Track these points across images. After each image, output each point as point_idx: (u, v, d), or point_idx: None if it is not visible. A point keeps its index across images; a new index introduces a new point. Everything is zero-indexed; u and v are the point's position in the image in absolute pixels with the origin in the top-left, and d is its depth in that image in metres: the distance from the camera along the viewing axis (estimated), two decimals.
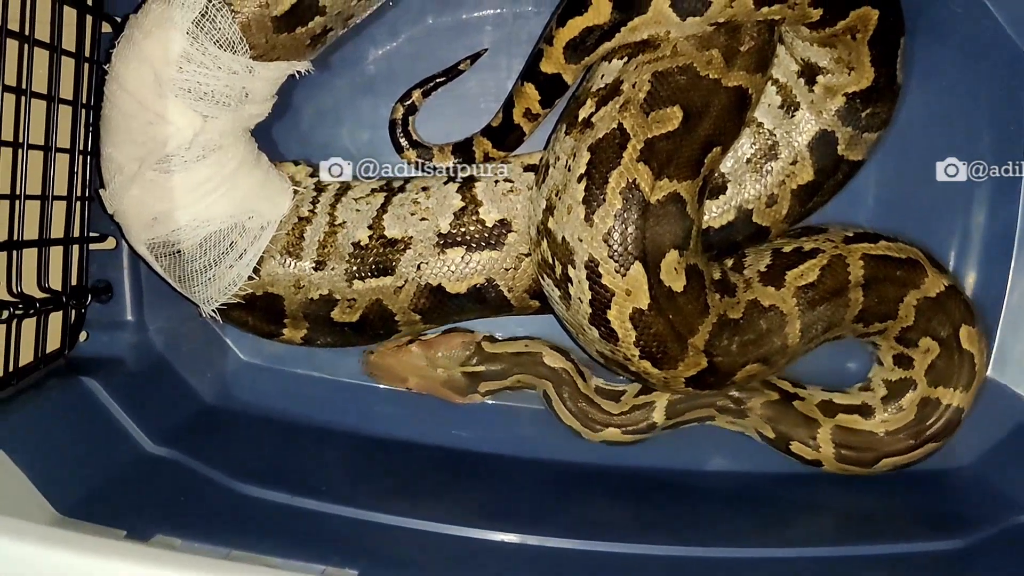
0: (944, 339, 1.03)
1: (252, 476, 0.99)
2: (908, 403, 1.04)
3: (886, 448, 1.04)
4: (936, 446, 1.04)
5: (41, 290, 1.00)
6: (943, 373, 1.03)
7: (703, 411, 1.07)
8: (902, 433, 1.04)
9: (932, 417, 1.03)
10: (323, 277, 1.00)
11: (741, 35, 0.90)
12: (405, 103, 1.07)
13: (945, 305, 1.02)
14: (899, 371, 1.05)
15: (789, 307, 0.99)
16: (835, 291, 1.00)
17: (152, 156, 0.92)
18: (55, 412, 0.95)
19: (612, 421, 1.07)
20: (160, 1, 0.90)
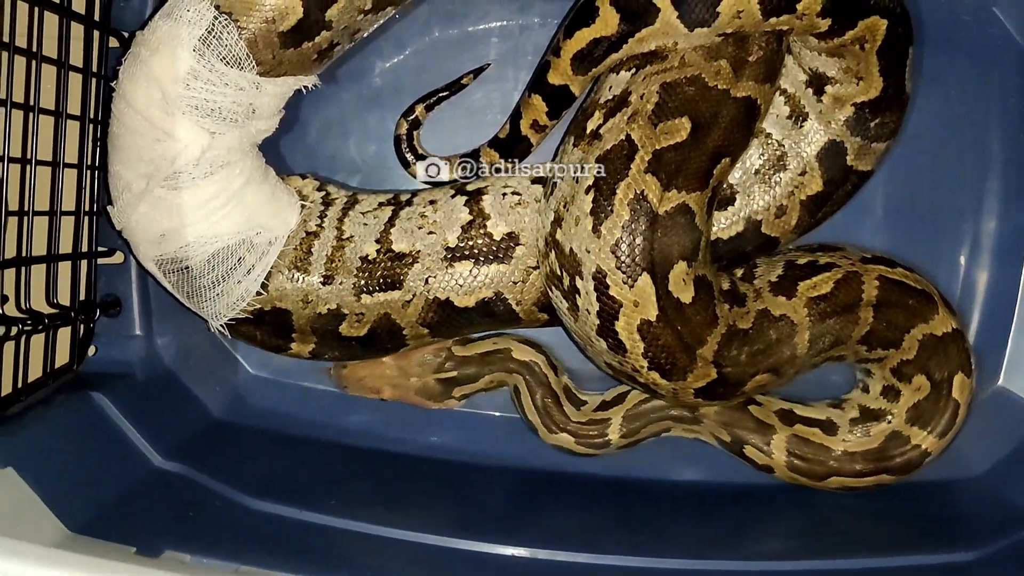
0: (937, 381, 1.01)
1: (261, 490, 0.98)
2: (877, 432, 1.03)
3: (838, 466, 1.03)
4: (890, 479, 1.03)
5: (50, 305, 1.00)
6: (924, 414, 1.02)
7: (659, 425, 1.06)
8: (860, 457, 1.03)
9: (896, 451, 1.02)
10: (331, 291, 0.99)
11: (749, 45, 0.89)
12: (409, 118, 1.07)
13: (948, 348, 1.01)
14: (882, 401, 1.04)
15: (800, 317, 0.98)
16: (847, 306, 0.99)
17: (160, 173, 0.91)
18: (64, 428, 0.95)
19: (568, 426, 1.06)
20: (166, 18, 0.90)
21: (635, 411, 1.06)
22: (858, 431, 1.04)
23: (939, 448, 1.02)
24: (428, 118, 1.08)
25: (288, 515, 0.96)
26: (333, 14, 0.91)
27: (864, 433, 1.03)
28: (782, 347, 0.97)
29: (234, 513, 0.96)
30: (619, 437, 1.06)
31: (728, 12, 0.86)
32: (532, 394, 1.06)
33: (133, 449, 0.99)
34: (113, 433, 0.99)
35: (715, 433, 1.06)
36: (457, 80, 1.08)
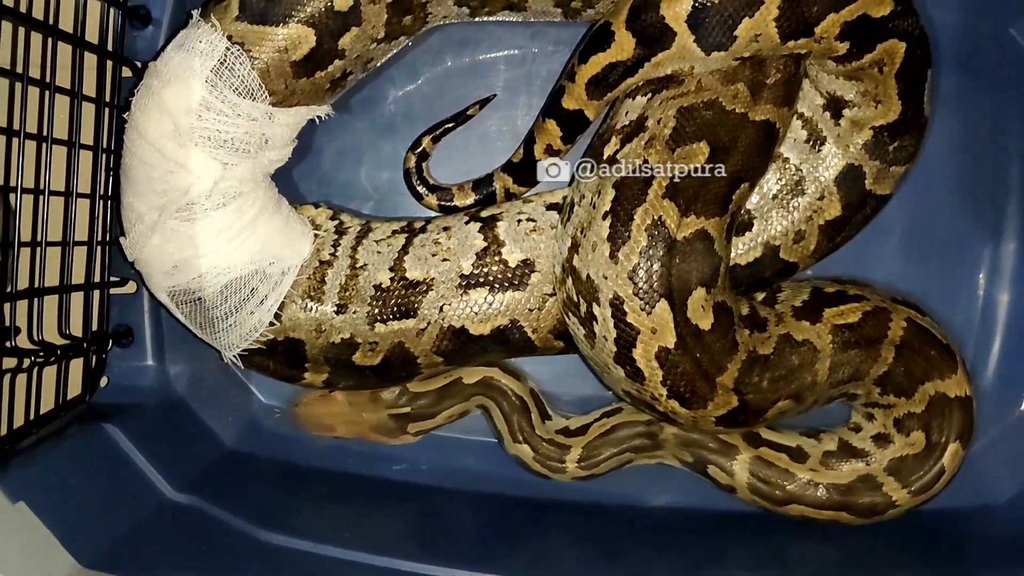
0: (933, 442, 0.99)
1: (274, 523, 0.96)
2: (850, 470, 1.00)
3: (800, 494, 1.00)
4: (848, 519, 1.00)
5: (62, 336, 0.99)
6: (907, 469, 0.99)
7: (619, 459, 1.04)
8: (824, 488, 1.00)
9: (863, 493, 1.00)
10: (344, 320, 0.97)
11: (767, 68, 0.88)
12: (416, 151, 1.06)
13: (955, 412, 0.99)
14: (869, 444, 1.02)
15: (823, 343, 0.96)
16: (871, 340, 0.97)
17: (173, 204, 0.90)
18: (76, 461, 0.93)
19: (531, 439, 1.04)
20: (179, 49, 0.89)
21: (596, 443, 1.04)
22: (831, 463, 1.01)
23: (908, 505, 0.99)
24: (441, 145, 1.07)
25: (302, 548, 0.94)
26: (346, 43, 0.91)
27: (836, 467, 1.01)
28: (804, 373, 0.95)
29: (247, 546, 0.94)
30: (575, 466, 1.04)
31: (746, 36, 0.84)
32: (499, 405, 1.05)
33: (146, 481, 0.97)
34: (125, 466, 0.97)
35: (677, 455, 1.04)
36: (463, 111, 1.06)
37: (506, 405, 1.05)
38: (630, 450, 1.04)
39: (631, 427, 1.04)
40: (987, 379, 1.08)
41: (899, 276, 1.07)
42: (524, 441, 1.05)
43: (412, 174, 1.06)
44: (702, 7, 0.83)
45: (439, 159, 1.08)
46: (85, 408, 1.02)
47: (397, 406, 1.05)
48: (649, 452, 1.04)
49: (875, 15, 0.85)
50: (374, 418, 1.05)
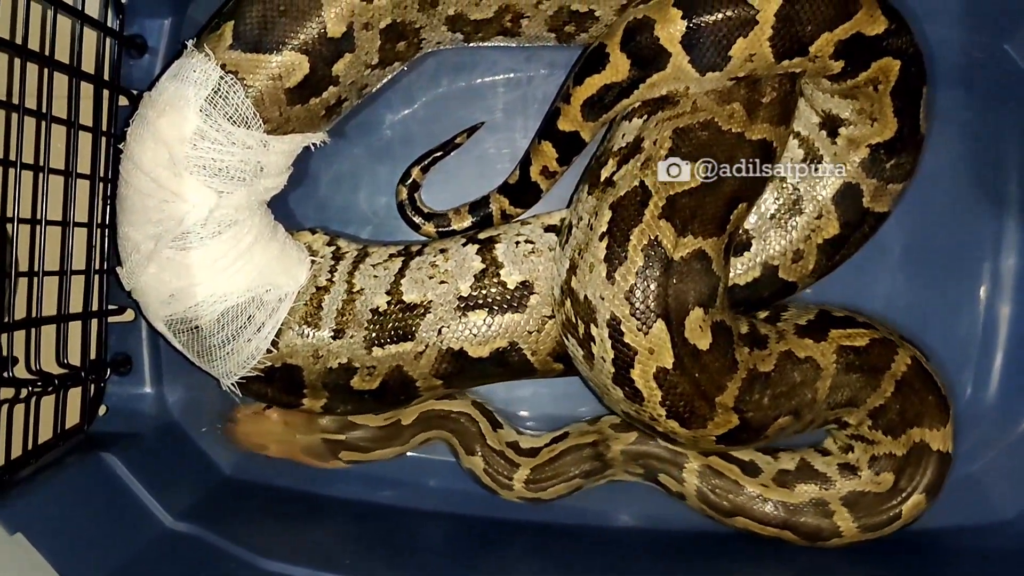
0: (899, 488, 0.97)
1: (273, 551, 0.95)
2: (804, 490, 0.99)
3: (746, 507, 0.99)
4: (791, 538, 0.99)
5: (60, 366, 0.98)
6: (864, 505, 0.97)
7: (568, 485, 1.03)
8: (772, 504, 0.98)
9: (812, 516, 0.98)
10: (342, 345, 0.96)
11: (762, 87, 0.87)
12: (406, 183, 1.05)
13: (931, 465, 0.97)
14: (833, 471, 1.00)
15: (826, 362, 0.94)
16: (874, 368, 0.96)
17: (168, 234, 0.89)
18: (75, 491, 0.92)
19: (482, 449, 1.03)
20: (173, 79, 0.88)
21: (544, 467, 1.03)
22: (786, 481, 0.99)
23: (853, 539, 0.98)
24: (439, 169, 1.06)
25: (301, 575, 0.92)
26: (340, 69, 0.90)
27: (790, 486, 0.99)
28: (804, 390, 0.93)
29: (246, 574, 0.92)
30: (522, 486, 1.02)
31: (740, 56, 0.83)
32: (446, 429, 1.04)
33: (144, 510, 0.96)
34: (124, 495, 0.95)
35: (628, 470, 1.03)
36: (451, 139, 1.05)
37: (452, 426, 1.03)
38: (579, 476, 1.02)
39: (579, 451, 1.02)
40: (989, 395, 1.07)
41: (899, 293, 1.06)
42: (477, 452, 1.03)
43: (406, 206, 1.05)
44: (696, 28, 0.82)
45: (437, 183, 1.07)
46: (83, 437, 1.00)
47: (331, 432, 1.03)
48: (599, 474, 1.03)
49: (869, 33, 0.85)
50: (306, 440, 1.03)
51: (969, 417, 1.06)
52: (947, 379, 1.03)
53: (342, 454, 1.03)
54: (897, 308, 1.06)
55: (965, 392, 1.07)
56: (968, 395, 1.07)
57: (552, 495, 1.03)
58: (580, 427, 1.05)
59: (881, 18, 0.85)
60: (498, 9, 0.94)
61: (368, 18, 0.88)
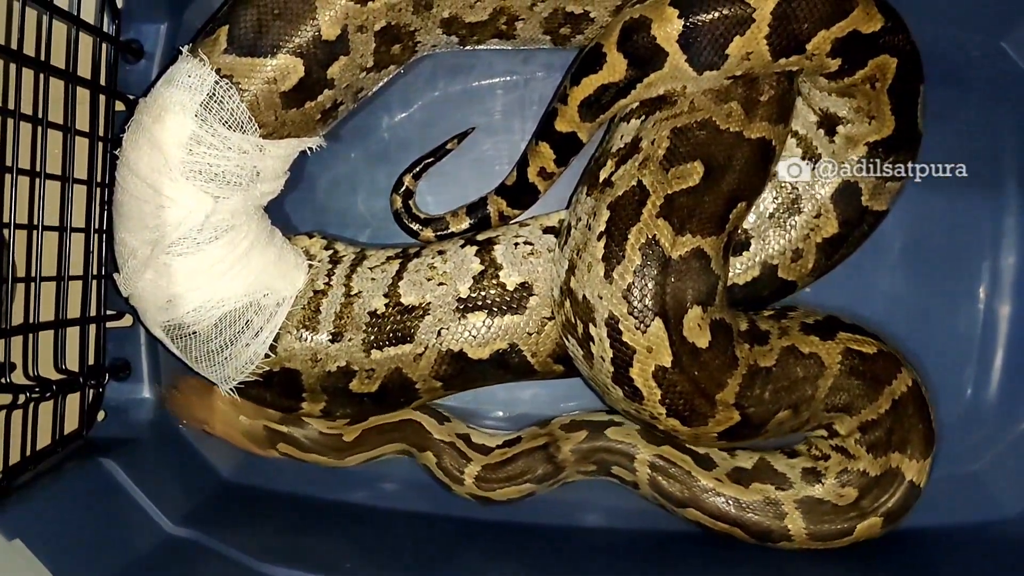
0: (860, 507, 0.95)
1: (274, 555, 0.94)
2: (760, 488, 0.97)
3: (698, 499, 0.97)
4: (741, 536, 0.97)
5: (58, 371, 0.96)
6: (818, 515, 0.96)
7: (519, 489, 1.01)
8: (724, 499, 0.97)
9: (764, 515, 0.96)
10: (340, 349, 0.94)
11: (760, 85, 0.86)
12: (399, 191, 1.03)
13: (899, 493, 0.95)
14: (796, 475, 0.98)
15: (831, 360, 0.93)
16: (875, 379, 0.94)
17: (165, 239, 0.88)
18: (74, 497, 0.90)
19: (430, 445, 1.01)
20: (168, 85, 0.87)
21: (495, 467, 1.01)
22: (741, 479, 0.98)
23: (801, 544, 0.96)
24: (437, 172, 1.05)
25: None
26: (335, 72, 0.89)
27: (744, 483, 0.97)
28: (805, 385, 0.92)
29: None
30: (473, 482, 1.01)
31: (737, 54, 0.82)
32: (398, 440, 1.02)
33: (144, 516, 0.95)
34: (123, 500, 0.94)
35: (580, 470, 1.01)
36: (441, 145, 1.04)
37: (396, 434, 1.02)
38: (531, 480, 1.01)
39: (530, 455, 1.01)
40: (990, 393, 1.06)
41: (899, 291, 1.05)
42: (426, 448, 1.02)
43: (402, 214, 1.03)
44: (693, 27, 0.81)
45: (435, 186, 1.06)
46: (82, 443, 0.99)
47: (275, 421, 1.00)
48: (552, 479, 1.01)
49: (866, 31, 0.84)
50: (248, 423, 1.00)
51: (970, 416, 1.05)
52: (948, 378, 1.03)
53: (280, 445, 1.01)
54: (896, 307, 1.05)
55: (966, 391, 1.06)
56: (969, 394, 1.06)
57: (502, 497, 1.01)
58: (532, 431, 1.04)
59: (877, 16, 0.84)
60: (493, 11, 0.92)
61: (362, 21, 0.87)
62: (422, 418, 1.02)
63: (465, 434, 1.04)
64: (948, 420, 1.04)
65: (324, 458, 1.02)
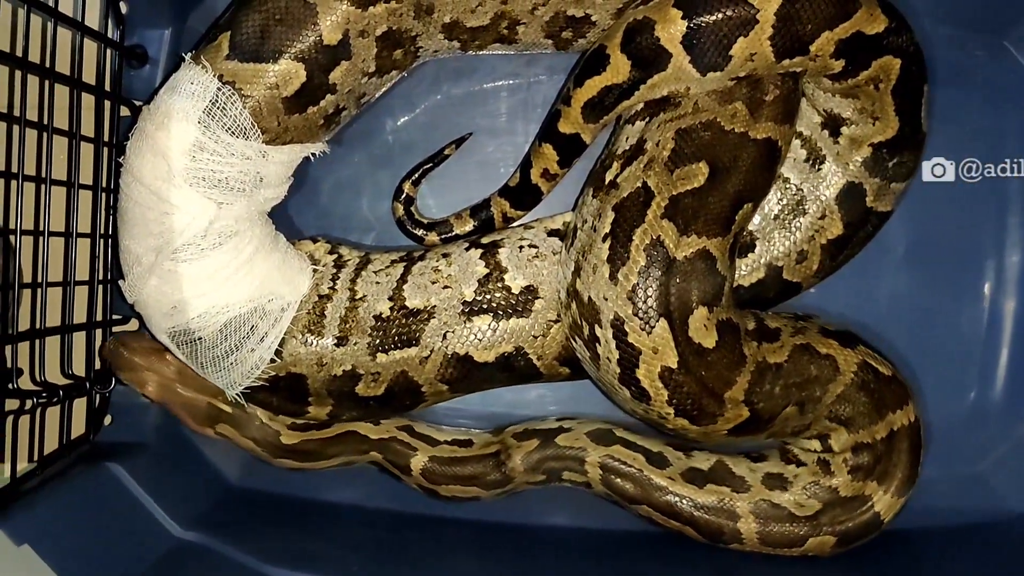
0: (817, 523, 0.93)
1: (282, 558, 0.93)
2: (715, 490, 0.95)
3: (650, 496, 0.95)
4: (692, 534, 0.96)
5: (65, 376, 0.95)
6: (773, 520, 0.94)
7: (465, 490, 1.00)
8: (675, 497, 0.95)
9: (717, 516, 0.94)
10: (346, 352, 0.93)
11: (764, 85, 0.85)
12: (400, 198, 1.02)
13: (862, 519, 0.93)
14: (755, 479, 0.96)
15: (846, 367, 0.92)
16: (883, 403, 0.93)
17: (169, 246, 0.87)
18: (82, 502, 0.89)
19: (371, 446, 1.00)
20: (171, 92, 0.86)
21: (443, 462, 0.99)
22: (695, 480, 0.96)
23: (753, 547, 0.95)
24: (440, 175, 1.04)
25: None
26: (337, 77, 0.88)
27: (698, 484, 0.95)
28: (816, 386, 0.91)
29: None
30: (419, 473, 0.99)
31: (741, 55, 0.81)
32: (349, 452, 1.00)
33: (152, 521, 0.93)
34: (131, 505, 0.93)
35: (528, 481, 0.99)
36: (440, 151, 1.03)
37: (333, 449, 1.00)
38: (479, 487, 0.99)
39: (480, 462, 0.99)
40: (995, 392, 1.04)
41: (903, 291, 1.03)
42: (368, 451, 1.00)
43: (405, 221, 1.02)
44: (697, 28, 0.80)
45: (439, 189, 1.04)
46: (89, 448, 0.98)
47: (219, 399, 0.97)
48: (500, 488, 0.99)
49: (869, 32, 0.82)
50: (191, 396, 0.97)
51: (974, 416, 1.04)
52: (952, 378, 1.02)
53: (219, 426, 0.98)
54: (901, 307, 1.03)
55: (970, 391, 1.04)
56: (973, 394, 1.04)
57: (448, 493, 1.00)
58: (485, 438, 1.02)
59: (881, 16, 0.82)
60: (494, 16, 0.91)
61: (364, 26, 0.86)
62: (357, 426, 1.00)
63: (407, 426, 1.02)
64: (952, 420, 1.03)
65: (256, 449, 0.99)
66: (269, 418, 0.99)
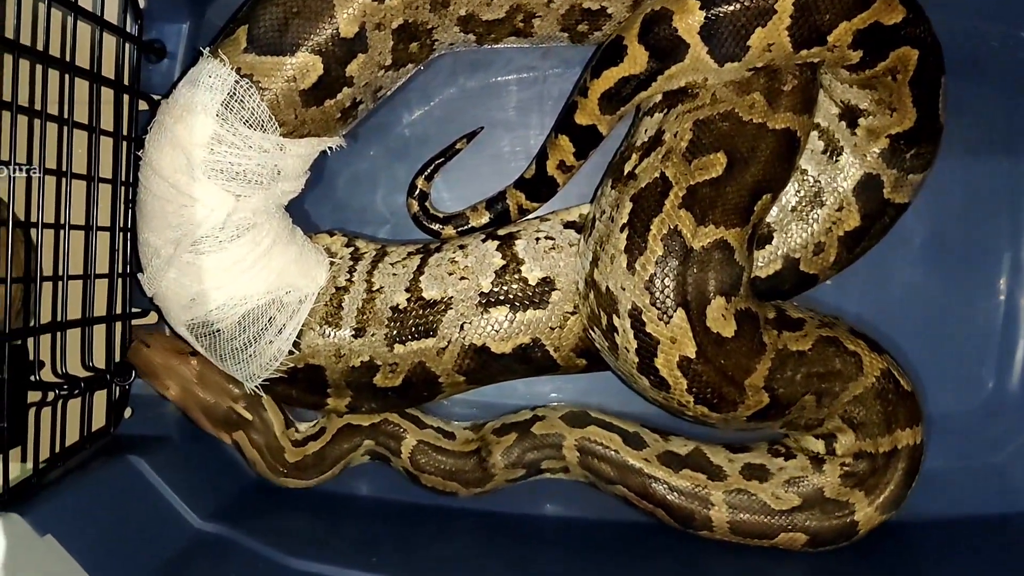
0: (791, 517, 0.93)
1: (303, 549, 0.92)
2: (688, 476, 0.94)
3: (625, 477, 0.95)
4: (664, 516, 0.95)
5: (85, 369, 0.95)
6: (745, 510, 0.93)
7: (444, 484, 0.99)
8: (650, 480, 0.94)
9: (688, 502, 0.94)
10: (363, 344, 0.93)
11: (782, 76, 0.83)
12: (414, 195, 1.01)
13: (838, 523, 0.92)
14: (735, 467, 0.95)
15: (870, 369, 0.91)
16: (894, 418, 0.92)
17: (187, 238, 0.86)
18: (103, 493, 0.88)
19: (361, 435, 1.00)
20: (189, 85, 0.86)
21: (429, 450, 0.99)
22: (672, 464, 0.95)
23: (723, 535, 0.94)
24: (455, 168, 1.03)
25: (333, 574, 0.90)
26: (354, 70, 0.87)
27: (673, 467, 0.95)
28: (837, 381, 0.90)
29: (278, 574, 0.90)
30: (407, 456, 0.99)
31: (759, 46, 0.80)
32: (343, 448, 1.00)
33: (172, 512, 0.93)
34: (151, 496, 0.92)
35: (508, 479, 0.99)
36: (451, 146, 1.02)
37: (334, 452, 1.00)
38: (459, 483, 0.99)
39: (462, 458, 0.99)
40: (1012, 384, 1.03)
41: (920, 284, 1.02)
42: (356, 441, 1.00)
43: (420, 217, 1.01)
44: (715, 18, 0.79)
45: (454, 183, 1.04)
46: (109, 439, 0.97)
47: (239, 405, 0.97)
48: (479, 486, 0.99)
49: (887, 22, 0.81)
50: (211, 400, 0.96)
51: (991, 407, 1.02)
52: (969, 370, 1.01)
53: (235, 432, 0.98)
54: (917, 299, 1.02)
55: (987, 383, 1.03)
56: (990, 386, 1.03)
57: (429, 483, 1.00)
58: (466, 435, 1.01)
59: (899, 7, 0.81)
60: (510, 9, 0.90)
61: (380, 18, 0.85)
62: (348, 419, 1.00)
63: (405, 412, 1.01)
64: (969, 412, 1.02)
65: (262, 463, 0.99)
66: (281, 432, 0.99)
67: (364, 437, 1.00)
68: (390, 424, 1.00)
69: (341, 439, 1.00)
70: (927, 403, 0.98)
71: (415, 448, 0.99)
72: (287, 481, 1.00)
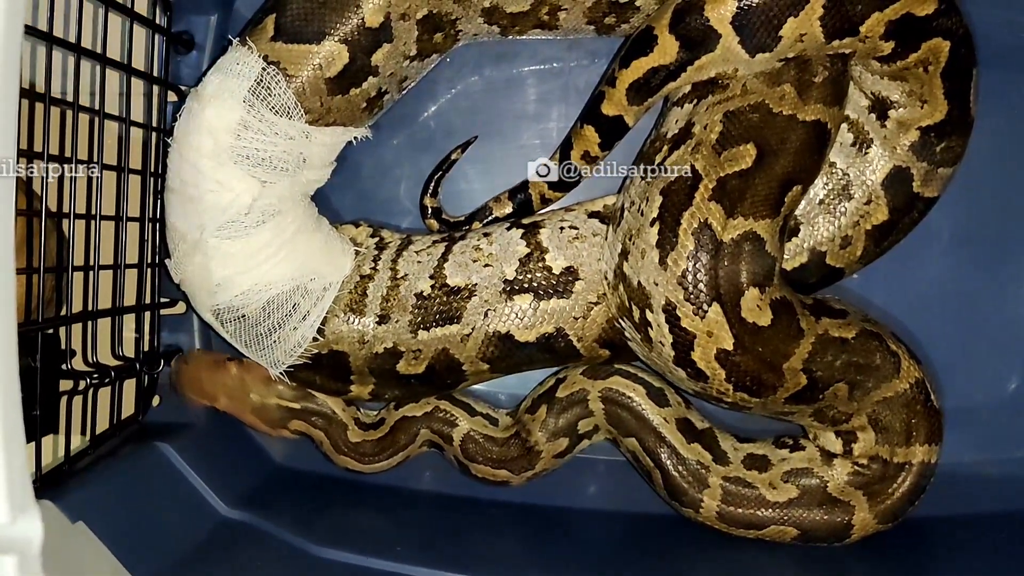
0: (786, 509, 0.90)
1: (328, 537, 0.90)
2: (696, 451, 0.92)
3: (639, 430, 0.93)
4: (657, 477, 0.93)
5: (115, 358, 0.93)
6: (736, 500, 0.90)
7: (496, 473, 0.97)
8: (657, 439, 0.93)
9: (684, 478, 0.91)
10: (387, 330, 0.90)
11: (813, 67, 0.80)
12: (429, 216, 0.99)
13: (830, 523, 0.90)
14: (738, 456, 0.92)
15: (906, 375, 0.87)
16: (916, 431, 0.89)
17: (213, 223, 0.84)
18: (132, 480, 0.87)
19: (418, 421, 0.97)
20: (218, 72, 0.84)
21: (479, 440, 0.97)
22: (685, 430, 0.93)
23: (708, 520, 0.91)
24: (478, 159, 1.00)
25: (356, 562, 0.88)
26: (379, 59, 0.85)
27: (685, 437, 0.93)
28: (873, 376, 0.86)
29: (301, 561, 0.88)
30: (459, 444, 0.96)
31: (791, 36, 0.76)
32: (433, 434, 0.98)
33: (199, 499, 0.91)
34: (179, 483, 0.91)
35: (553, 454, 0.96)
36: (447, 156, 0.99)
37: (401, 439, 0.98)
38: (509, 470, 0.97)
39: (505, 446, 0.96)
40: None
41: (948, 278, 0.98)
42: (419, 427, 0.97)
43: (443, 231, 0.99)
44: (747, 8, 0.75)
45: (480, 174, 1.01)
46: (138, 427, 0.95)
47: (287, 400, 0.94)
48: (531, 469, 0.96)
49: (919, 13, 0.77)
50: (259, 400, 0.94)
51: (1017, 402, 0.99)
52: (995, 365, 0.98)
53: (292, 423, 0.95)
54: (945, 293, 0.98)
55: (1014, 376, 0.99)
56: (1018, 380, 0.99)
57: (479, 474, 0.97)
58: (506, 420, 0.98)
59: None
60: (535, 2, 0.87)
61: (405, 8, 0.83)
62: (404, 411, 0.98)
63: (446, 394, 0.98)
64: (995, 406, 0.99)
65: (327, 441, 0.96)
66: (341, 409, 0.97)
67: (420, 426, 0.97)
68: (441, 411, 0.97)
69: (399, 431, 0.97)
70: (951, 397, 0.95)
71: (466, 436, 0.96)
72: (347, 461, 0.97)
